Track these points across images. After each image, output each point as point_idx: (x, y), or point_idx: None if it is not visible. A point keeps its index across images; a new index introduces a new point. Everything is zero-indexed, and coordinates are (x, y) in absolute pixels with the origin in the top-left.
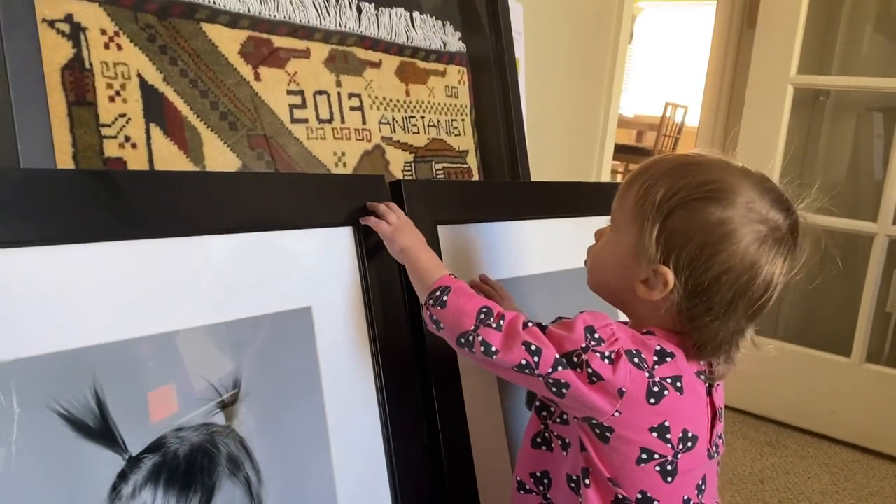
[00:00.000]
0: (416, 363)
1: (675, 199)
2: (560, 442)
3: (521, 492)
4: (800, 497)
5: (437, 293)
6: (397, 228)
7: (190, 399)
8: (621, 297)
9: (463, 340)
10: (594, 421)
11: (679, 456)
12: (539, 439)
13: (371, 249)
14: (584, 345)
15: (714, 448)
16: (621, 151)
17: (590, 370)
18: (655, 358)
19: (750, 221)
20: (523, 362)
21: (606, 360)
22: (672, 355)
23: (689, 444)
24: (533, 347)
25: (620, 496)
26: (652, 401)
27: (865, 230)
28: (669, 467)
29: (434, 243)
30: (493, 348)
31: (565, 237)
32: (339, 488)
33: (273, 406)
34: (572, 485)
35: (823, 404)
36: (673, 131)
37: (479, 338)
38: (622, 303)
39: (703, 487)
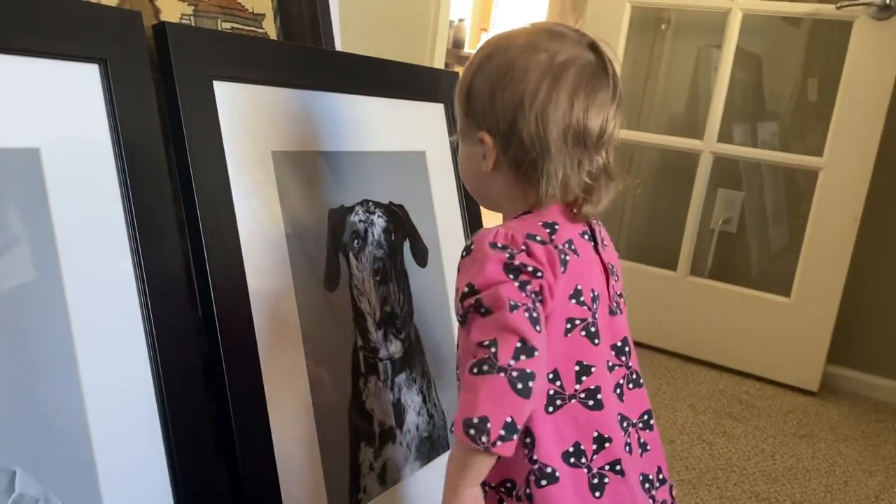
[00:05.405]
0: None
1: (469, 73)
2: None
3: None
4: None
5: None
6: None
7: None
8: (490, 193)
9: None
10: None
11: (596, 316)
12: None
13: (124, 93)
14: (507, 259)
15: (615, 304)
16: None
17: (530, 269)
18: (547, 230)
19: (527, 53)
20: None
21: (525, 253)
22: (554, 223)
23: (597, 304)
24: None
25: (551, 392)
26: (562, 269)
27: (692, 147)
28: (593, 329)
29: (209, 101)
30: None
31: (374, 116)
32: (76, 331)
33: None
34: None
35: (651, 316)
36: None
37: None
38: (494, 201)
39: (628, 350)
